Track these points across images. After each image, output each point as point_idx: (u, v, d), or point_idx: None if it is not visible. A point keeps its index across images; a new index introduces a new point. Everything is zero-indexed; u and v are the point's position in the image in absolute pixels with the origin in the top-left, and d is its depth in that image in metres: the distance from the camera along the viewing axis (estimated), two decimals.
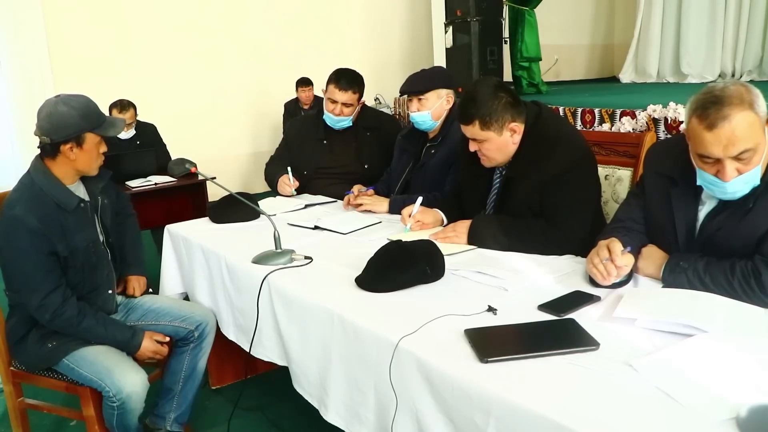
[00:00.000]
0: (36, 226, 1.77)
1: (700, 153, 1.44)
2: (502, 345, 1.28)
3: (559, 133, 1.96)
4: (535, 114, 1.98)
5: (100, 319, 1.91)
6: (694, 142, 1.45)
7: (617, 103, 4.18)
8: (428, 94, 2.46)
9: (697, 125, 1.41)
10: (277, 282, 1.79)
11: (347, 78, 2.81)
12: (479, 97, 1.91)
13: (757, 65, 6.13)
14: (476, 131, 1.93)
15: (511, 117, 1.92)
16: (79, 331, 1.88)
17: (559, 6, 7.09)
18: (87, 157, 1.87)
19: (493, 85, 1.95)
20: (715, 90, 1.41)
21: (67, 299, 1.84)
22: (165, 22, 5.96)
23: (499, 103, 1.91)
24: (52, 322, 1.84)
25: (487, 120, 1.90)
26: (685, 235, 1.58)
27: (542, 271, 1.69)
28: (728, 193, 1.45)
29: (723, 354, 1.18)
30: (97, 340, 1.91)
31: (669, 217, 1.61)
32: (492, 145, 1.95)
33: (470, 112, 1.92)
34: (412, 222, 2.14)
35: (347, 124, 2.91)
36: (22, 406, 2.07)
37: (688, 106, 1.46)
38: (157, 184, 4.00)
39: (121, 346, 1.92)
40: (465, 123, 1.95)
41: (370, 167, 2.93)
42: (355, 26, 7.16)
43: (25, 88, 5.22)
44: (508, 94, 1.94)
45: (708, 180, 1.46)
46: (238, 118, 6.56)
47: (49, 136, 1.81)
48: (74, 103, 1.84)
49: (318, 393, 1.64)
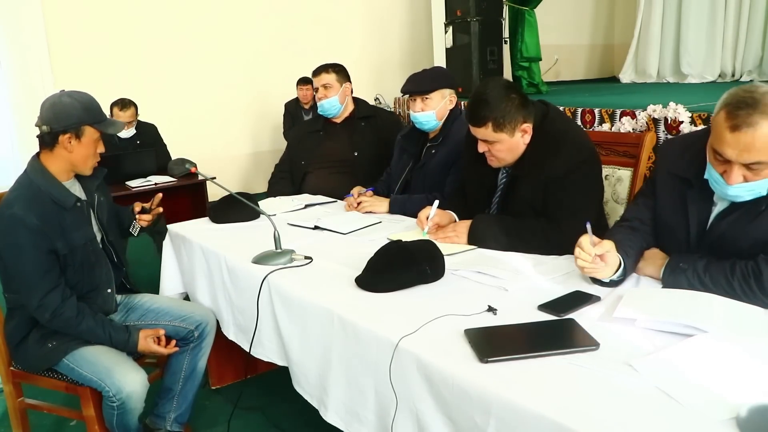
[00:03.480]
0: (35, 224, 1.77)
1: (715, 148, 1.42)
2: (502, 345, 1.28)
3: (566, 132, 1.95)
4: (542, 113, 1.97)
5: (98, 320, 1.91)
6: (714, 135, 1.43)
7: (617, 103, 4.17)
8: (433, 94, 2.46)
9: (723, 121, 1.38)
10: (277, 282, 1.79)
11: (319, 66, 3.02)
12: (491, 99, 1.88)
13: (757, 65, 6.12)
14: (488, 133, 1.90)
15: (523, 118, 1.90)
16: (79, 332, 1.88)
17: (559, 6, 7.08)
18: (84, 151, 1.87)
19: (504, 86, 1.93)
20: (757, 92, 1.36)
21: (66, 299, 1.84)
22: (165, 22, 5.96)
23: (512, 105, 1.88)
24: (51, 322, 1.84)
25: (501, 122, 1.88)
26: (696, 235, 1.57)
27: (542, 271, 1.69)
28: (728, 195, 1.45)
29: (723, 354, 1.18)
30: (96, 341, 1.91)
31: (683, 218, 1.59)
32: (503, 146, 1.92)
33: (483, 113, 1.88)
34: (431, 224, 2.08)
35: (338, 107, 2.99)
36: (22, 406, 2.07)
37: (724, 97, 1.42)
38: (157, 184, 4.00)
39: (119, 347, 1.92)
40: (477, 125, 1.91)
41: (360, 155, 2.98)
42: (355, 26, 7.16)
43: (25, 88, 5.21)
44: (518, 94, 1.92)
45: (713, 176, 1.46)
46: (238, 118, 6.56)
47: (50, 125, 1.83)
48: (78, 96, 1.88)
49: (318, 393, 1.64)
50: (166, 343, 2.00)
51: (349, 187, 2.67)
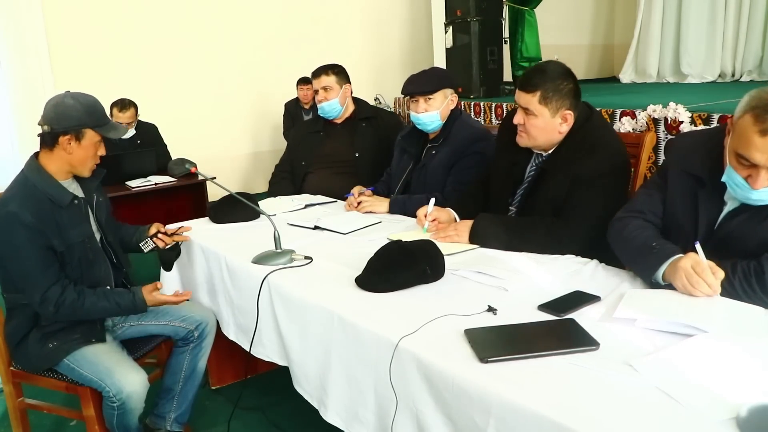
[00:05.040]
0: (31, 221, 1.78)
1: (739, 152, 1.39)
2: (502, 345, 1.28)
3: (604, 139, 1.94)
4: (586, 115, 1.96)
5: (99, 293, 1.89)
6: (738, 139, 1.39)
7: (617, 103, 4.17)
8: (436, 95, 2.46)
9: (750, 125, 1.35)
10: (277, 282, 1.79)
11: (318, 68, 3.01)
12: (550, 72, 1.90)
13: (757, 65, 6.12)
14: (533, 102, 1.90)
15: (569, 105, 1.91)
16: (86, 312, 1.86)
17: (559, 6, 7.09)
18: (83, 153, 1.87)
19: (565, 69, 1.94)
20: None
21: (66, 287, 1.84)
22: (165, 23, 5.95)
23: (565, 87, 1.90)
24: (57, 314, 1.83)
25: (549, 96, 1.88)
26: (704, 233, 1.55)
27: (542, 271, 1.69)
28: (752, 200, 1.43)
29: (723, 354, 1.18)
30: (106, 314, 1.91)
31: (692, 216, 1.58)
32: (539, 123, 1.91)
33: (535, 81, 1.89)
34: (430, 220, 2.10)
35: (338, 109, 2.99)
36: (22, 406, 2.08)
37: (747, 99, 1.39)
38: (157, 184, 4.00)
39: (128, 311, 1.92)
40: (526, 90, 1.91)
41: (362, 155, 2.98)
42: (355, 26, 7.16)
43: (25, 88, 5.21)
44: (574, 83, 1.93)
45: (735, 180, 1.43)
46: (238, 118, 6.55)
47: (51, 124, 1.83)
48: (82, 98, 1.88)
49: (318, 393, 1.64)
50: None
51: (350, 187, 2.67)
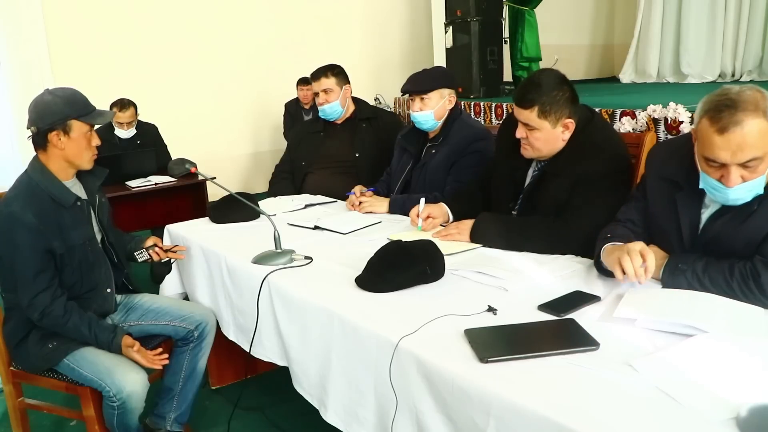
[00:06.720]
0: (32, 222, 1.77)
1: (706, 156, 1.41)
2: (502, 345, 1.28)
3: (606, 141, 1.94)
4: (587, 119, 1.96)
5: (85, 319, 1.87)
6: (702, 144, 1.42)
7: (617, 103, 4.17)
8: (431, 94, 2.46)
9: (708, 127, 1.38)
10: (277, 282, 1.79)
11: (317, 69, 2.99)
12: (544, 84, 1.88)
13: (757, 65, 6.12)
14: (532, 117, 1.89)
15: (569, 113, 1.90)
16: (65, 330, 1.87)
17: (559, 6, 7.08)
18: (75, 146, 1.86)
19: (559, 77, 1.93)
20: (731, 93, 1.37)
21: (56, 299, 1.84)
22: (165, 23, 5.95)
23: (562, 96, 1.89)
24: (41, 321, 1.84)
25: (547, 109, 1.87)
26: (689, 237, 1.57)
27: (542, 271, 1.69)
28: (730, 200, 1.44)
29: (723, 354, 1.18)
30: (82, 340, 1.89)
31: (674, 221, 1.59)
32: (542, 135, 1.91)
33: (531, 96, 1.88)
34: (423, 218, 2.12)
35: (339, 111, 2.99)
36: (22, 406, 2.08)
37: (701, 106, 1.42)
38: (157, 184, 4.00)
39: (102, 347, 1.89)
40: (524, 107, 1.90)
41: (362, 156, 2.98)
42: (355, 26, 7.15)
43: (25, 87, 5.21)
44: (570, 89, 1.92)
45: (711, 184, 1.45)
46: (238, 118, 6.55)
47: (36, 124, 1.83)
48: (60, 92, 1.87)
49: (318, 393, 1.64)
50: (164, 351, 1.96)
51: (350, 187, 2.67)
